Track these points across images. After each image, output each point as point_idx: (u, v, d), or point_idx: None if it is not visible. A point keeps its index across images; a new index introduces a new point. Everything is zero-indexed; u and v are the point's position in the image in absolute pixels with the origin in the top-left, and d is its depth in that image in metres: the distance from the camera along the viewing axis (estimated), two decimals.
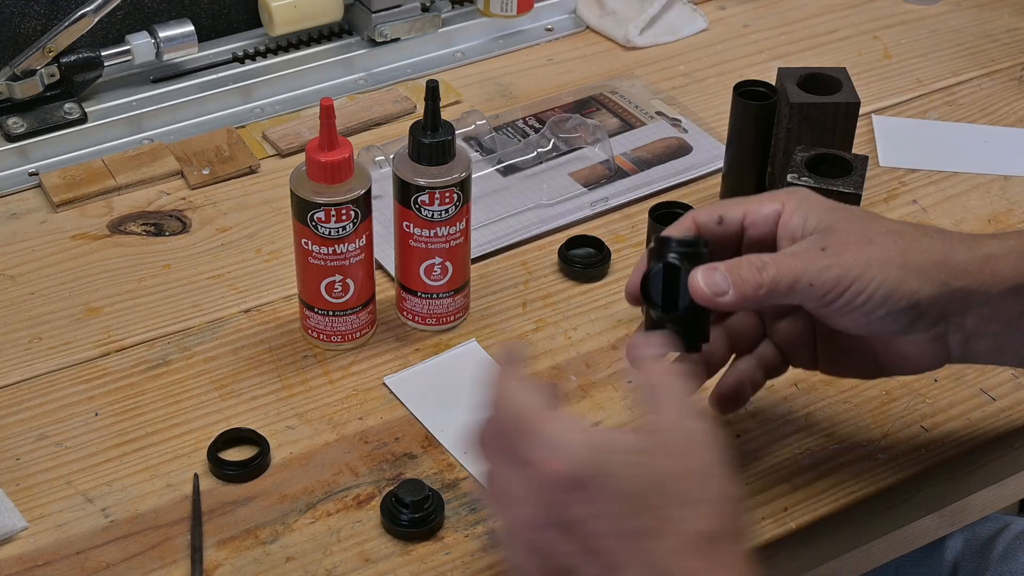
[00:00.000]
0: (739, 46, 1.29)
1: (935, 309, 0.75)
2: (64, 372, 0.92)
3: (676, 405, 0.67)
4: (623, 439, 0.66)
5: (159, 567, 0.79)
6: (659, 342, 0.74)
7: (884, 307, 0.74)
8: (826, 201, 0.78)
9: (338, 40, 1.26)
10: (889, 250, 0.74)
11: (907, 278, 0.74)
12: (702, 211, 0.79)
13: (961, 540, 1.10)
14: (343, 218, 0.88)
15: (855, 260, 0.73)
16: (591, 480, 0.64)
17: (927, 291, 0.74)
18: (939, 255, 0.75)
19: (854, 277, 0.73)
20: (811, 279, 0.73)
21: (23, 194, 1.09)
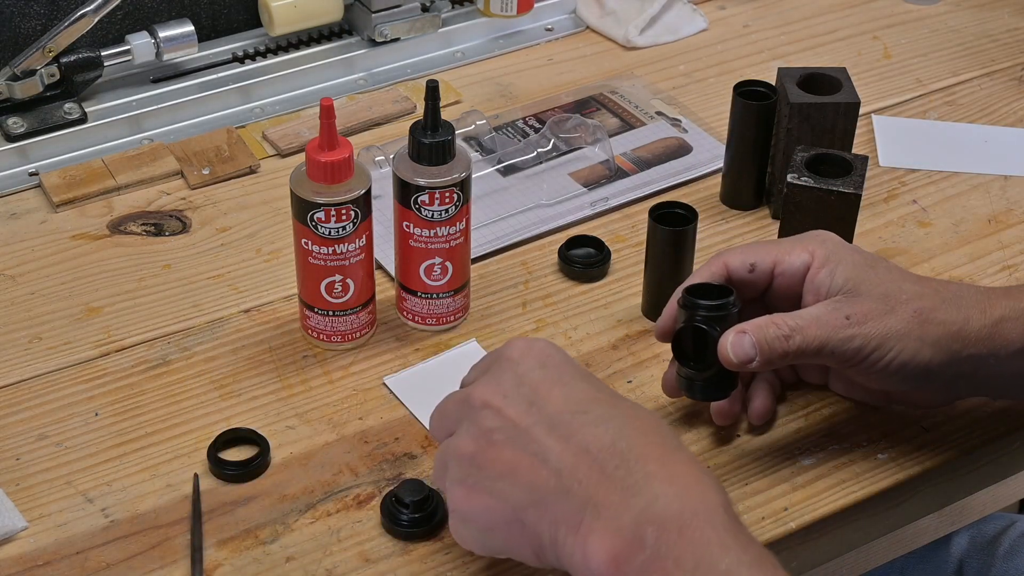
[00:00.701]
0: (739, 46, 1.29)
1: (946, 374, 0.80)
2: (64, 372, 0.92)
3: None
4: None
5: (159, 567, 0.79)
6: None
7: (899, 374, 0.80)
8: (853, 255, 0.82)
9: (338, 40, 1.26)
10: (908, 322, 0.79)
11: (922, 349, 0.79)
12: (734, 255, 0.84)
13: (967, 538, 1.10)
14: (343, 218, 0.88)
15: (875, 331, 0.79)
16: (558, 353, 0.74)
17: (939, 360, 0.79)
18: (954, 327, 0.79)
19: (874, 347, 0.79)
20: (833, 348, 0.79)
21: (23, 194, 1.09)
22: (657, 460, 0.67)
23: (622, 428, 0.69)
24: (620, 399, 0.72)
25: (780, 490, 0.84)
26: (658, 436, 0.69)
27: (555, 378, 0.72)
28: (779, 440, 0.87)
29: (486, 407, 0.72)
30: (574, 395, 0.71)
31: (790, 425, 0.88)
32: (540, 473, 0.69)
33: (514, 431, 0.70)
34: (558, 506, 0.68)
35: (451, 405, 0.75)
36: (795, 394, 0.91)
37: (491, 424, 0.71)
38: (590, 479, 0.67)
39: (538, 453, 0.69)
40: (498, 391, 0.72)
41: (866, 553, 0.90)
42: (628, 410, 0.71)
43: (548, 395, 0.71)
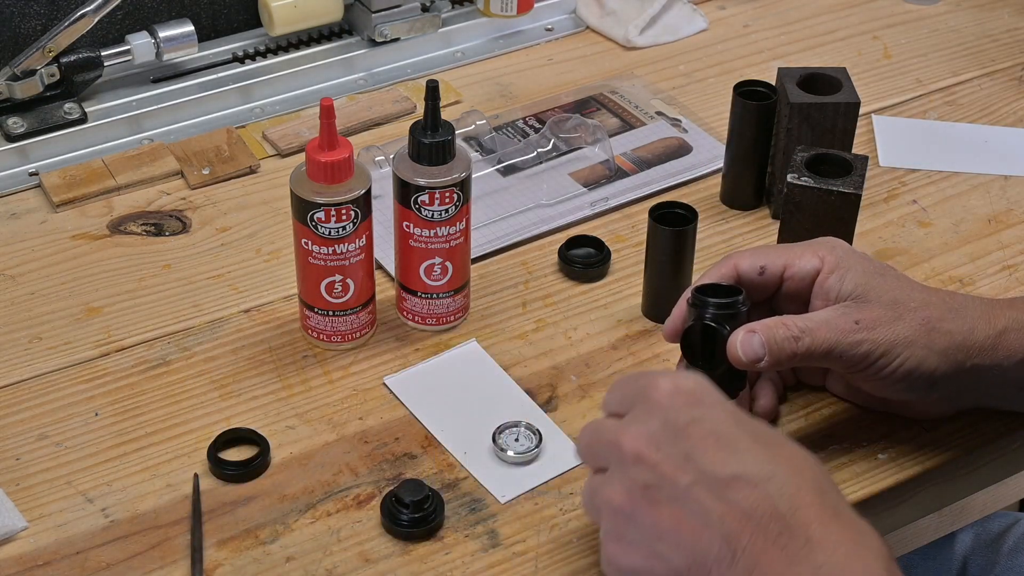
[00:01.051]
0: (739, 46, 1.29)
1: (950, 383, 0.81)
2: (64, 372, 0.92)
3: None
4: None
5: (159, 567, 0.79)
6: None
7: (904, 381, 0.80)
8: (862, 262, 0.83)
9: (338, 40, 1.26)
10: (915, 329, 0.80)
11: (928, 357, 0.80)
12: (744, 258, 0.84)
13: (971, 536, 1.10)
14: (343, 218, 0.88)
15: (884, 337, 0.79)
16: (705, 393, 0.71)
17: (944, 369, 0.80)
18: (959, 336, 0.80)
19: (881, 353, 0.79)
20: (842, 352, 0.79)
21: (23, 194, 1.09)
22: (819, 523, 0.65)
23: (783, 487, 0.66)
24: (778, 446, 0.69)
25: None
26: (818, 494, 0.67)
27: (709, 427, 0.68)
28: None
29: (639, 461, 0.69)
30: (731, 444, 0.68)
31: (790, 425, 0.88)
32: (703, 536, 0.67)
33: (672, 489, 0.68)
34: (723, 570, 0.66)
35: (599, 445, 0.72)
36: (795, 394, 0.91)
37: (647, 480, 0.68)
38: (754, 546, 0.65)
39: (699, 514, 0.67)
40: (651, 442, 0.69)
41: None
42: (787, 461, 0.68)
43: (704, 447, 0.68)
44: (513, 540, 0.81)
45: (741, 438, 0.68)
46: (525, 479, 0.85)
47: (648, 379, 0.71)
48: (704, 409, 0.69)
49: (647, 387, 0.71)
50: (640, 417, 0.70)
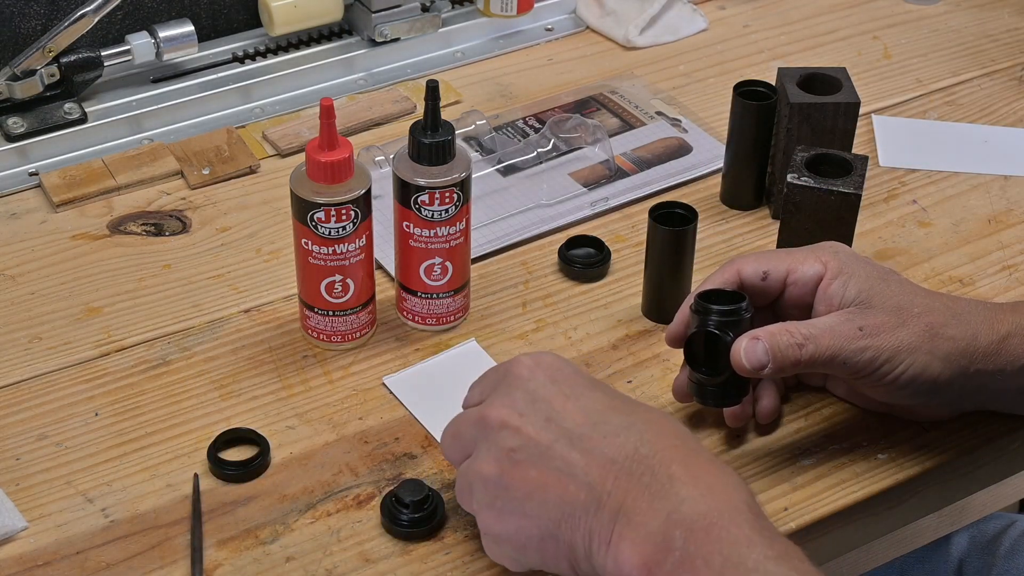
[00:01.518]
0: (739, 46, 1.29)
1: (953, 389, 0.81)
2: (64, 372, 0.92)
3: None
4: None
5: (159, 567, 0.79)
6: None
7: (908, 387, 0.80)
8: (865, 267, 0.83)
9: (338, 40, 1.26)
10: (919, 335, 0.80)
11: (932, 364, 0.80)
12: (747, 263, 0.84)
13: (967, 537, 1.10)
14: (343, 218, 0.88)
15: (887, 343, 0.79)
16: (566, 365, 0.74)
17: (948, 375, 0.80)
18: (963, 343, 0.80)
19: (885, 360, 0.79)
20: (846, 359, 0.79)
21: (23, 194, 1.09)
22: (680, 462, 0.68)
23: (642, 434, 0.70)
24: (634, 405, 0.73)
25: (780, 490, 0.84)
26: (678, 438, 0.70)
27: (568, 391, 0.72)
28: (779, 440, 0.87)
29: (504, 427, 0.72)
30: (589, 406, 0.72)
31: (790, 425, 0.88)
32: (569, 488, 0.69)
33: (536, 449, 0.71)
34: (590, 518, 0.69)
35: (465, 426, 0.75)
36: (795, 394, 0.91)
37: (511, 444, 0.71)
38: (618, 487, 0.68)
39: (564, 468, 0.70)
40: (513, 410, 0.72)
41: (866, 553, 0.90)
42: (644, 414, 0.72)
43: (564, 409, 0.71)
44: None
45: (600, 399, 0.72)
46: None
47: (509, 362, 0.75)
48: (564, 381, 0.73)
49: (509, 366, 0.75)
50: (502, 391, 0.74)
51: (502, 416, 0.72)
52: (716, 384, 0.82)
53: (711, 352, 0.82)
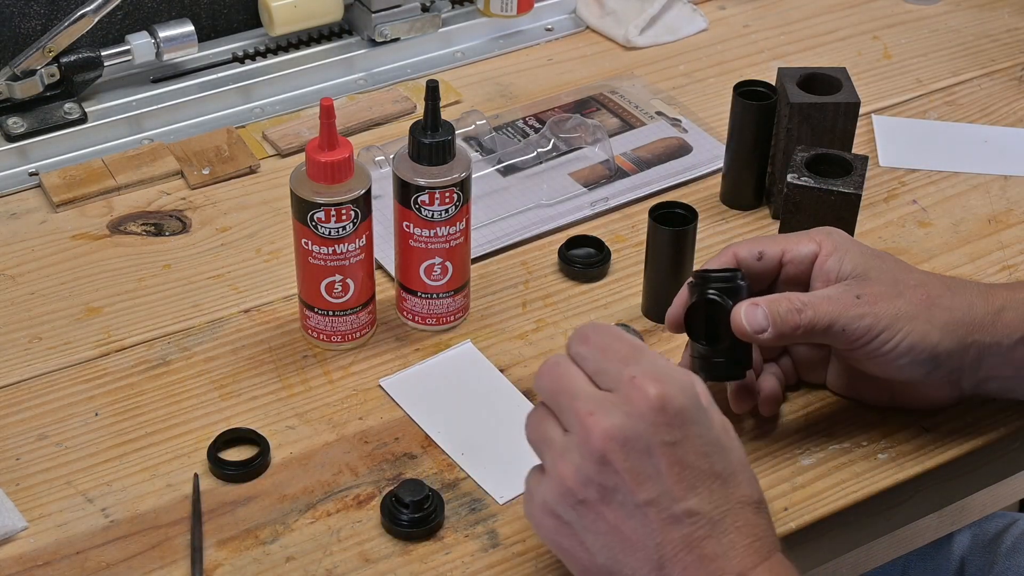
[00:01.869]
0: (739, 46, 1.29)
1: (952, 360, 0.81)
2: (64, 372, 0.92)
3: (709, 393, 0.72)
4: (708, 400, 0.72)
5: (159, 567, 0.79)
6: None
7: (907, 356, 0.80)
8: (860, 246, 0.83)
9: (338, 40, 1.26)
10: (916, 305, 0.80)
11: (930, 332, 0.80)
12: (742, 246, 0.85)
13: (969, 536, 1.10)
14: (343, 218, 0.88)
15: (886, 311, 0.79)
16: (688, 414, 0.69)
17: (946, 345, 0.80)
18: (959, 312, 0.81)
19: (883, 327, 0.79)
20: (844, 325, 0.79)
21: (23, 194, 1.09)
22: (751, 566, 0.69)
23: (727, 531, 0.69)
24: (735, 481, 0.70)
25: (780, 490, 0.84)
26: (754, 537, 0.70)
27: (681, 455, 0.69)
28: (779, 440, 0.87)
29: (604, 462, 0.69)
30: (694, 479, 0.69)
31: (790, 425, 0.88)
32: (636, 554, 0.69)
33: (628, 498, 0.69)
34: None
35: (564, 402, 0.71)
36: (795, 394, 0.91)
37: (605, 481, 0.69)
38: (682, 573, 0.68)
39: (642, 533, 0.69)
40: (622, 448, 0.68)
41: (866, 553, 0.90)
42: (737, 502, 0.70)
43: (670, 473, 0.69)
44: (513, 540, 0.81)
45: (706, 474, 0.69)
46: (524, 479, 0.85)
47: (638, 370, 0.70)
48: (682, 432, 0.69)
49: (633, 384, 0.69)
50: (615, 413, 0.69)
51: (606, 449, 0.68)
52: (719, 354, 0.82)
53: (711, 325, 0.82)
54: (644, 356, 0.71)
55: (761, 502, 0.71)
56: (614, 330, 0.73)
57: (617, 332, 0.73)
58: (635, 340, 0.72)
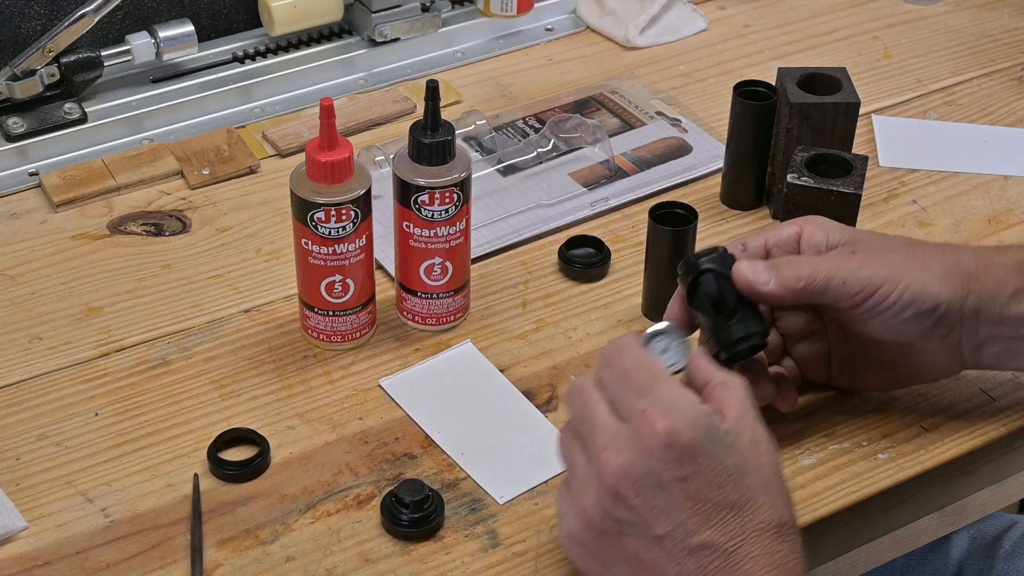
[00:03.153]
0: (739, 46, 1.29)
1: (952, 312, 0.81)
2: (64, 372, 0.92)
3: (744, 405, 0.73)
4: (723, 422, 0.71)
5: (159, 567, 0.79)
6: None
7: (911, 308, 0.80)
8: (841, 224, 0.84)
9: (338, 40, 1.26)
10: (911, 259, 0.81)
11: (930, 282, 0.80)
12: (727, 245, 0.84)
13: (967, 539, 1.10)
14: (343, 218, 0.88)
15: (884, 264, 0.80)
16: (697, 448, 0.69)
17: (946, 293, 0.80)
18: (951, 262, 0.81)
19: (884, 278, 0.79)
20: (845, 277, 0.79)
21: (23, 194, 1.09)
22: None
23: (742, 561, 0.69)
24: (750, 509, 0.70)
25: None
26: (774, 567, 0.70)
27: (693, 490, 0.69)
28: (779, 440, 0.87)
29: (618, 498, 0.70)
30: (708, 512, 0.70)
31: (790, 426, 0.88)
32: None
33: (644, 532, 0.70)
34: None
35: (585, 426, 0.73)
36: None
37: (621, 516, 0.70)
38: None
39: (661, 562, 0.70)
40: (633, 485, 0.70)
41: (866, 553, 0.90)
42: (753, 531, 0.70)
43: (682, 508, 0.69)
44: (513, 540, 0.81)
45: (719, 505, 0.70)
46: (524, 479, 0.85)
47: (648, 403, 0.70)
48: (693, 467, 0.69)
49: (643, 419, 0.70)
50: (625, 450, 0.70)
51: (619, 486, 0.70)
52: (730, 318, 0.80)
53: (715, 301, 0.80)
54: (658, 386, 0.71)
55: (783, 525, 0.71)
56: (636, 355, 0.73)
57: (638, 357, 0.73)
58: (654, 367, 0.72)
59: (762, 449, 0.72)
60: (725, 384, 0.73)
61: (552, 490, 0.84)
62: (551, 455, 0.86)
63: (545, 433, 0.88)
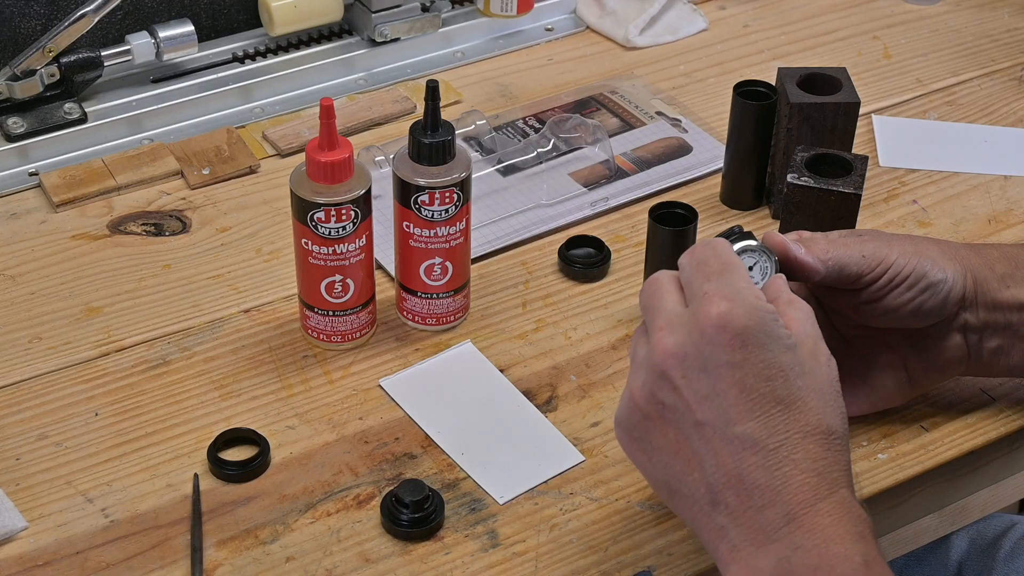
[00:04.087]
0: (739, 46, 1.29)
1: (957, 290, 0.82)
2: (64, 372, 0.93)
3: (810, 322, 0.73)
4: (782, 325, 0.71)
5: (159, 567, 0.79)
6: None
7: (924, 279, 0.81)
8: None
9: (338, 40, 1.26)
10: (912, 243, 0.82)
11: (937, 258, 0.82)
12: None
13: (966, 540, 1.10)
14: (343, 218, 0.88)
15: (890, 244, 0.81)
16: (750, 336, 0.69)
17: (951, 270, 0.82)
18: (944, 247, 0.83)
19: (897, 253, 0.81)
20: (863, 251, 0.80)
21: (23, 194, 1.09)
22: (806, 503, 0.67)
23: (783, 461, 0.68)
24: (798, 408, 0.69)
25: None
26: (815, 473, 0.68)
27: (740, 377, 0.68)
28: None
29: (664, 378, 0.70)
30: (754, 402, 0.68)
31: None
32: (694, 474, 0.69)
33: (685, 418, 0.69)
34: (701, 513, 0.70)
35: (651, 305, 0.72)
36: None
37: (666, 399, 0.70)
38: (736, 507, 0.68)
39: (698, 453, 0.69)
40: (681, 364, 0.69)
41: None
42: (799, 431, 0.69)
43: (728, 394, 0.69)
44: (513, 540, 0.81)
45: (766, 398, 0.68)
46: (524, 479, 0.85)
47: (712, 287, 0.70)
48: (744, 354, 0.68)
49: (704, 300, 0.69)
50: (680, 330, 0.70)
51: (667, 365, 0.69)
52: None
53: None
54: (729, 274, 0.71)
55: (831, 433, 0.69)
56: (720, 247, 0.73)
57: (720, 248, 0.73)
58: (732, 259, 0.72)
59: (822, 360, 0.71)
60: (792, 303, 0.73)
61: (552, 490, 0.84)
62: (551, 455, 0.87)
63: (545, 433, 0.88)
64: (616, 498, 0.84)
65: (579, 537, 0.81)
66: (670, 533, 0.82)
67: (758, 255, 0.78)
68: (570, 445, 0.87)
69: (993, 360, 0.85)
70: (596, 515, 0.83)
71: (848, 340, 0.86)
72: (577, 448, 0.87)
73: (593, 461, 0.86)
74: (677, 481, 0.70)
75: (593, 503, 0.84)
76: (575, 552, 0.81)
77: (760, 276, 0.77)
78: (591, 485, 0.85)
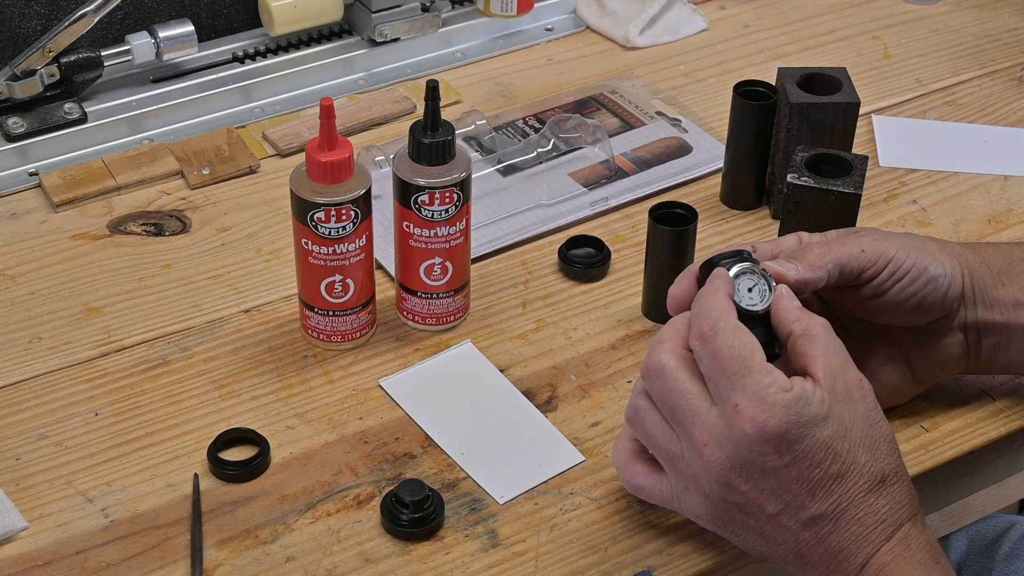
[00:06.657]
0: (739, 46, 1.29)
1: (956, 284, 0.83)
2: (64, 372, 0.93)
3: (829, 353, 0.75)
4: (813, 391, 0.73)
5: (159, 567, 0.79)
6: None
7: (925, 272, 0.82)
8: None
9: (338, 40, 1.26)
10: (909, 239, 0.83)
11: (936, 253, 0.83)
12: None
13: (966, 540, 1.10)
14: (343, 218, 0.88)
15: (888, 238, 0.82)
16: (791, 436, 0.73)
17: (949, 264, 0.83)
18: (941, 244, 0.84)
19: (897, 247, 0.82)
20: (863, 246, 0.81)
21: (23, 194, 1.09)
22: (873, 548, 0.74)
23: (850, 524, 0.74)
24: (852, 475, 0.74)
25: None
26: (877, 523, 0.74)
27: (796, 474, 0.73)
28: None
29: (728, 486, 0.75)
30: (814, 487, 0.74)
31: None
32: (780, 547, 0.76)
33: (759, 511, 0.75)
34: (794, 569, 0.76)
35: (678, 414, 0.75)
36: None
37: (735, 500, 0.75)
38: (821, 564, 0.75)
39: (781, 533, 0.75)
40: (739, 473, 0.74)
41: None
42: (858, 495, 0.74)
43: (790, 488, 0.74)
44: (513, 540, 0.81)
45: (823, 480, 0.74)
46: (524, 479, 0.85)
47: (741, 397, 0.72)
48: (791, 455, 0.73)
49: (736, 413, 0.73)
50: (726, 445, 0.73)
51: (726, 477, 0.74)
52: (753, 329, 0.78)
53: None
54: (750, 375, 0.73)
55: (885, 478, 0.74)
56: (731, 334, 0.74)
57: (731, 339, 0.74)
58: (745, 352, 0.73)
59: (856, 398, 0.75)
60: (807, 335, 0.75)
61: (552, 490, 0.84)
62: (551, 455, 0.87)
63: (545, 433, 0.88)
64: (616, 498, 0.84)
65: (579, 537, 0.81)
66: (670, 533, 0.82)
67: (756, 277, 0.79)
68: (570, 445, 0.87)
69: (991, 357, 0.86)
70: (596, 515, 0.83)
71: (852, 335, 0.85)
72: (577, 448, 0.87)
73: (593, 461, 0.86)
74: (767, 552, 0.77)
75: (593, 503, 0.84)
76: (575, 552, 0.81)
77: (759, 298, 0.78)
78: (591, 485, 0.85)
